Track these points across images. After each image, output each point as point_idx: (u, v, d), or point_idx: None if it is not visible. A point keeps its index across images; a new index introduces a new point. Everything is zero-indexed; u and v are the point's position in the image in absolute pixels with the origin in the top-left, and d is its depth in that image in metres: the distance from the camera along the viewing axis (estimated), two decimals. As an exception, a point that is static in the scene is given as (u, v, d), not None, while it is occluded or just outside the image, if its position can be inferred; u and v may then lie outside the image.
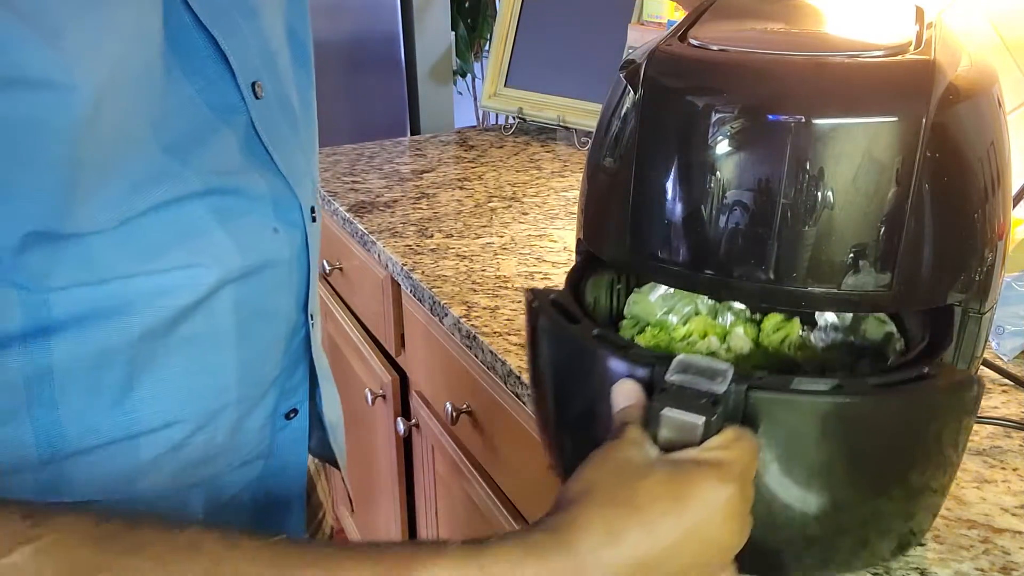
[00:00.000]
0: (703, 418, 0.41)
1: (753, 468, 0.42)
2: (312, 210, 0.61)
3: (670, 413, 0.41)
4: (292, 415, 0.64)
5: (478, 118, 3.23)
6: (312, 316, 0.64)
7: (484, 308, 0.93)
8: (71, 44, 0.42)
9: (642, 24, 1.45)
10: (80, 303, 0.49)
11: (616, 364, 0.48)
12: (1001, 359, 0.79)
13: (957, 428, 0.49)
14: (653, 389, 0.45)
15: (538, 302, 0.55)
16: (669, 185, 0.54)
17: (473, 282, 1.00)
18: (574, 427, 0.54)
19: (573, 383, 0.53)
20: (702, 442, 0.41)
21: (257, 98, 0.55)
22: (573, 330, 0.52)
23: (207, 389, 0.56)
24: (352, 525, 1.69)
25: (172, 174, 0.50)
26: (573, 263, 0.62)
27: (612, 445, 0.41)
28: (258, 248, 0.56)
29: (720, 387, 0.42)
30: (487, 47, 2.98)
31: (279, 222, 0.58)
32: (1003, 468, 0.64)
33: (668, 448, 0.41)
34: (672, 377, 0.44)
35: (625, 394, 0.45)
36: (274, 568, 0.35)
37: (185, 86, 0.50)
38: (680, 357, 0.45)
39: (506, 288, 0.98)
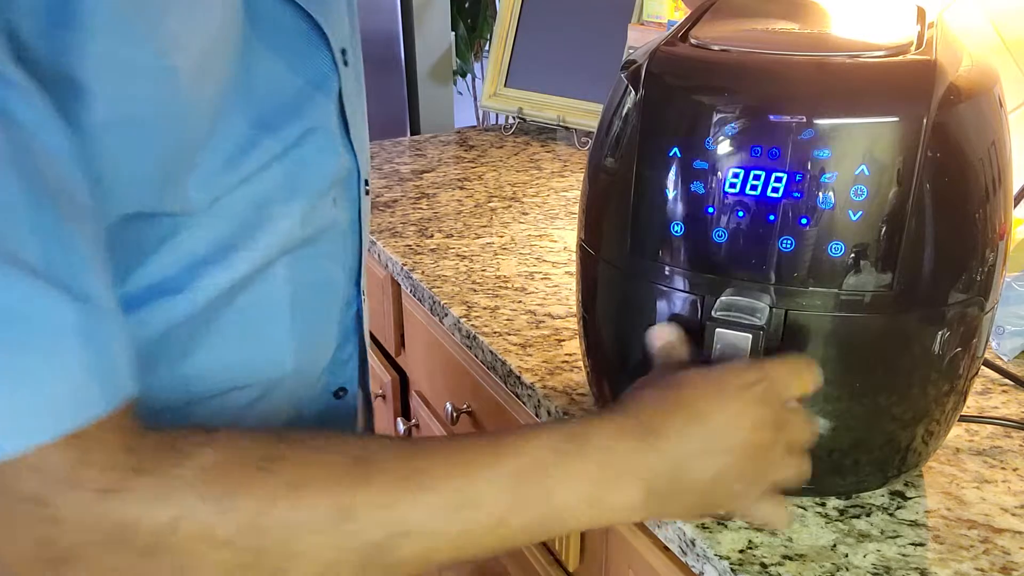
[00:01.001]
0: (750, 336, 0.49)
1: (787, 387, 0.48)
2: (366, 183, 0.61)
3: (723, 332, 0.50)
4: (342, 393, 0.63)
5: (478, 118, 3.22)
6: (361, 294, 0.64)
7: (484, 308, 0.93)
8: (168, 30, 0.41)
9: (642, 24, 1.45)
10: (155, 278, 0.48)
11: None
12: (1001, 359, 0.79)
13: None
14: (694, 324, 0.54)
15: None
16: (670, 185, 0.54)
17: (473, 282, 1.00)
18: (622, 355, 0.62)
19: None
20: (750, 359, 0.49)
21: (346, 65, 0.55)
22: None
23: (263, 359, 0.55)
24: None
25: (257, 144, 0.50)
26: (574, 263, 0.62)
27: (659, 367, 0.51)
28: (317, 218, 0.55)
29: (760, 320, 0.51)
30: (487, 47, 2.98)
31: (338, 192, 0.57)
32: (1003, 468, 0.64)
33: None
34: (718, 313, 0.51)
35: (663, 335, 0.52)
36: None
37: (271, 60, 0.50)
38: (723, 297, 0.52)
39: (506, 288, 0.98)
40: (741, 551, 0.56)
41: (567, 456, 0.43)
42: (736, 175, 0.51)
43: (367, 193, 0.62)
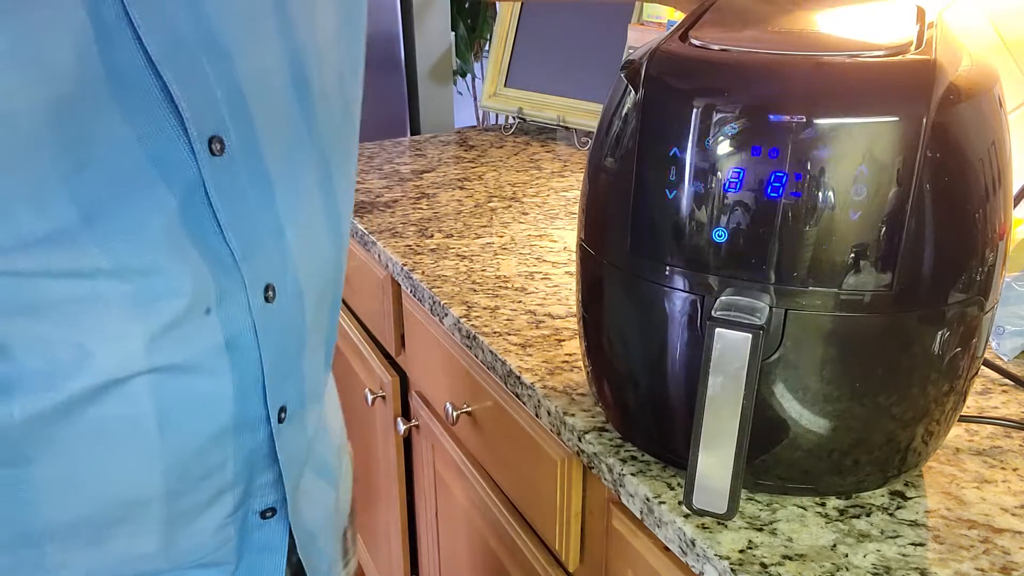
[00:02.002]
0: (750, 336, 0.50)
1: None
2: (268, 289, 0.51)
3: (723, 332, 0.50)
4: (270, 514, 0.57)
5: (478, 118, 3.22)
6: (283, 411, 0.54)
7: (484, 308, 0.93)
8: None
9: (642, 24, 1.45)
10: None
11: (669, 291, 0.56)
12: (1001, 359, 0.79)
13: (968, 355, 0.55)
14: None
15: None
16: (670, 185, 0.54)
17: (473, 282, 1.00)
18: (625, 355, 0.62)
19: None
20: (750, 359, 0.49)
21: (214, 155, 0.46)
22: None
23: (121, 481, 0.49)
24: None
25: (74, 238, 0.43)
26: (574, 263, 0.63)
27: None
28: (178, 334, 0.48)
29: (760, 320, 0.51)
30: (487, 47, 2.98)
31: (216, 302, 0.49)
32: (1003, 468, 0.64)
33: (718, 364, 0.50)
34: (718, 313, 0.51)
35: None
36: None
37: (123, 129, 0.43)
38: (723, 297, 0.52)
39: (506, 288, 0.98)
40: (741, 551, 0.56)
41: None
42: (736, 175, 0.51)
43: (270, 300, 0.51)
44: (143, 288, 0.46)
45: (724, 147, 0.51)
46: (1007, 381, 0.75)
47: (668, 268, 0.55)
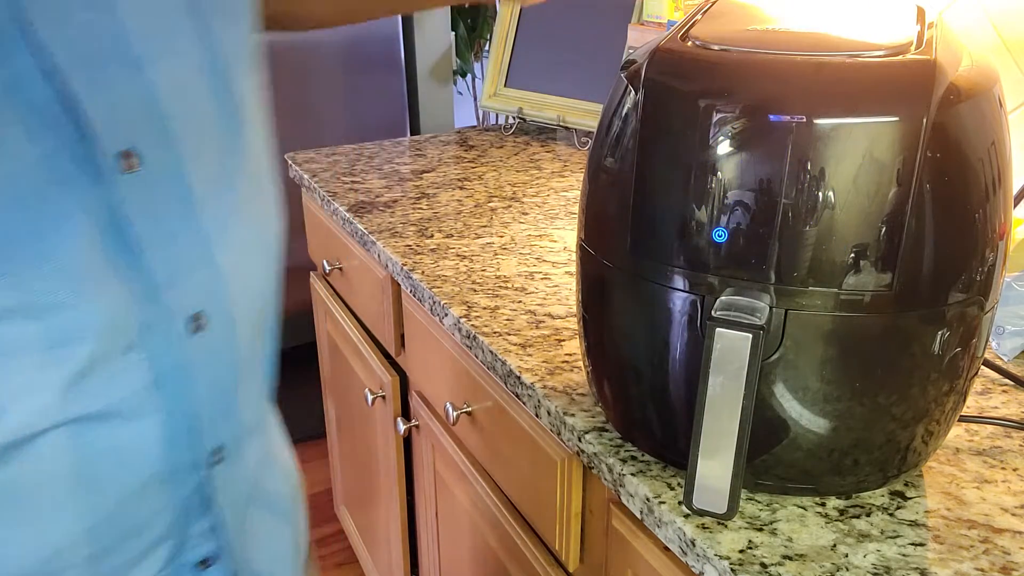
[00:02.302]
0: (750, 335, 0.50)
1: None
2: (193, 319, 0.46)
3: (723, 331, 0.50)
4: (210, 562, 0.53)
5: (478, 118, 3.22)
6: (219, 451, 0.50)
7: (484, 308, 0.93)
8: None
9: (642, 24, 1.45)
10: None
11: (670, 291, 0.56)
12: (1001, 359, 0.79)
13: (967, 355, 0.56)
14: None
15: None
16: (670, 185, 0.54)
17: (473, 282, 1.00)
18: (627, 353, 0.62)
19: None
20: (750, 359, 0.50)
21: (129, 171, 0.42)
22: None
23: (37, 545, 0.44)
24: (352, 525, 1.69)
25: None
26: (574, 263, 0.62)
27: None
28: (96, 378, 0.43)
29: (760, 319, 0.51)
30: (487, 47, 2.98)
31: (138, 337, 0.44)
32: (1003, 468, 0.64)
33: (718, 364, 0.50)
34: (718, 313, 0.51)
35: None
36: None
37: (23, 147, 0.38)
38: (723, 297, 0.52)
39: (506, 288, 0.98)
40: (741, 551, 0.56)
41: None
42: (736, 175, 0.51)
43: (200, 330, 0.46)
44: (55, 327, 0.40)
45: (724, 147, 0.51)
46: (1007, 381, 0.75)
47: (668, 268, 0.55)
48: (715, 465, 0.53)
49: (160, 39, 0.43)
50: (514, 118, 1.64)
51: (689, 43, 0.56)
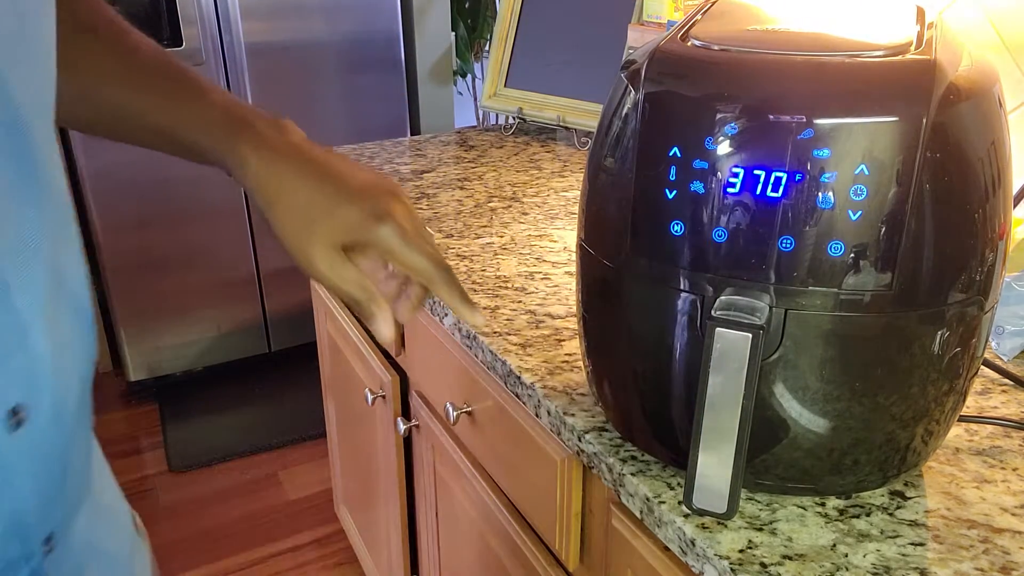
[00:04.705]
0: (750, 335, 0.50)
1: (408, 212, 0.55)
2: (16, 413, 0.39)
3: (723, 331, 0.50)
4: None
5: (478, 118, 3.23)
6: (50, 540, 0.44)
7: (484, 308, 0.93)
8: None
9: (642, 24, 1.45)
10: None
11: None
12: (1001, 359, 0.79)
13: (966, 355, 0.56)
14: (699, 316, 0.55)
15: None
16: (670, 185, 0.54)
17: (473, 282, 1.00)
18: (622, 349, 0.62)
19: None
20: (750, 358, 0.50)
21: None
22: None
23: None
24: (352, 525, 1.69)
25: None
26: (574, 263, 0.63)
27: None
28: None
29: (760, 319, 0.51)
30: (487, 47, 2.99)
31: None
32: (1003, 468, 0.64)
33: (718, 363, 0.51)
34: (718, 313, 0.51)
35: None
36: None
37: None
38: (723, 297, 0.53)
39: (506, 288, 0.98)
40: (741, 551, 0.56)
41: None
42: (736, 175, 0.51)
43: (19, 425, 0.39)
44: None
45: (724, 147, 0.51)
46: (1007, 381, 0.75)
47: (668, 268, 0.55)
48: (715, 465, 0.53)
49: None
50: (514, 118, 1.64)
51: (689, 43, 0.56)
